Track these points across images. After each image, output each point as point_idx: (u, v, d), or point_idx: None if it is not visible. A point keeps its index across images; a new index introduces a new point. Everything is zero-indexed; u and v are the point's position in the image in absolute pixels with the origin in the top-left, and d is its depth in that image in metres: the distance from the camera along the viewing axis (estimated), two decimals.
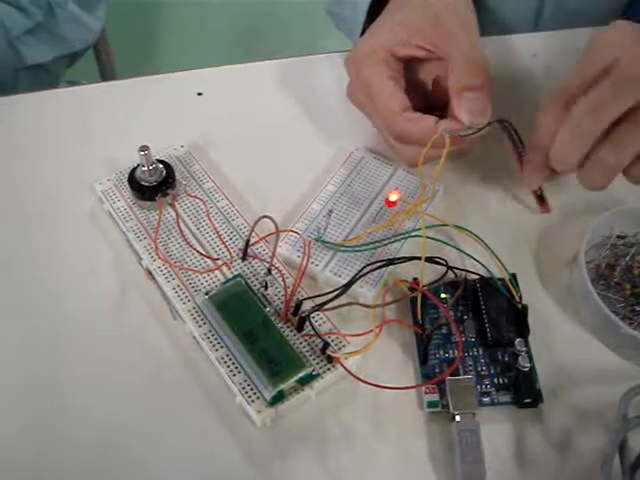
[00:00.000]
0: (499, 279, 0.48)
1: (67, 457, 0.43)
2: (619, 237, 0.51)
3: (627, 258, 0.50)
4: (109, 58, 1.07)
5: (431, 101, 0.54)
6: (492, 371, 0.45)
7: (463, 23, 0.51)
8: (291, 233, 0.50)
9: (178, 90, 0.62)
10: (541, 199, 0.53)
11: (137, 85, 0.63)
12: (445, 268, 0.47)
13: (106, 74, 1.09)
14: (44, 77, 0.86)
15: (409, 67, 0.54)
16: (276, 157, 0.58)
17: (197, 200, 0.52)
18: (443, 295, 0.48)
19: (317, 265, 0.49)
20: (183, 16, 1.87)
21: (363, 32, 0.62)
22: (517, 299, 0.47)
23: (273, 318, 0.46)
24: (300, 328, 0.46)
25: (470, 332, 0.47)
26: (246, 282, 0.47)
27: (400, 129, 0.50)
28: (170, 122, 0.60)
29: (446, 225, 0.51)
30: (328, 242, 0.50)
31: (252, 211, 0.53)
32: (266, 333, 0.45)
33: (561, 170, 0.47)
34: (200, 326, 0.46)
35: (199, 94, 0.62)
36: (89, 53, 1.00)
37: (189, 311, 0.47)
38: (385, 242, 0.49)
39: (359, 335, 0.44)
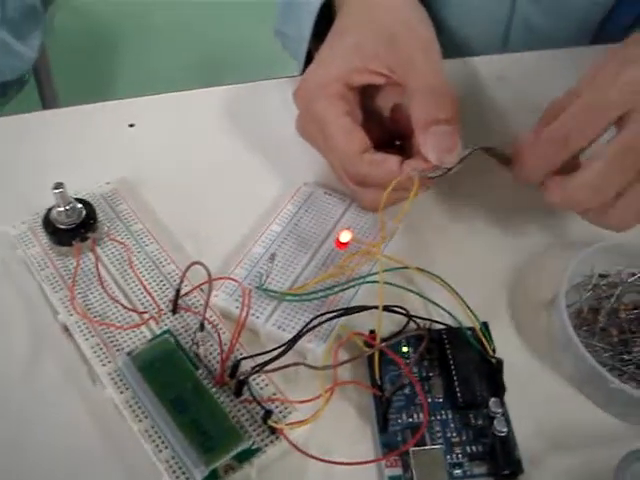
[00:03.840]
0: (469, 329, 0.43)
1: None
2: (601, 276, 0.47)
3: (612, 300, 0.45)
4: (51, 89, 1.02)
5: (390, 130, 0.49)
6: (464, 438, 0.40)
7: (423, 45, 0.46)
8: (228, 281, 0.44)
9: (107, 121, 0.57)
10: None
11: (61, 117, 0.58)
12: (406, 318, 0.42)
13: (48, 106, 1.03)
14: None
15: (365, 93, 0.49)
16: (215, 194, 0.52)
17: (121, 245, 0.46)
18: (405, 349, 0.43)
19: (258, 317, 0.43)
20: (133, 46, 1.83)
21: (309, 52, 0.58)
22: (490, 352, 0.42)
23: (206, 382, 0.40)
24: (238, 393, 0.40)
25: (437, 392, 0.41)
26: (176, 339, 0.42)
27: (360, 172, 0.45)
28: (97, 157, 0.54)
29: (407, 268, 0.45)
30: (271, 290, 0.44)
31: (187, 256, 0.47)
32: (197, 400, 0.39)
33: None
34: (122, 392, 0.40)
35: (131, 125, 0.56)
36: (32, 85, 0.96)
37: (109, 374, 0.41)
38: (337, 289, 0.44)
39: (307, 401, 0.38)
